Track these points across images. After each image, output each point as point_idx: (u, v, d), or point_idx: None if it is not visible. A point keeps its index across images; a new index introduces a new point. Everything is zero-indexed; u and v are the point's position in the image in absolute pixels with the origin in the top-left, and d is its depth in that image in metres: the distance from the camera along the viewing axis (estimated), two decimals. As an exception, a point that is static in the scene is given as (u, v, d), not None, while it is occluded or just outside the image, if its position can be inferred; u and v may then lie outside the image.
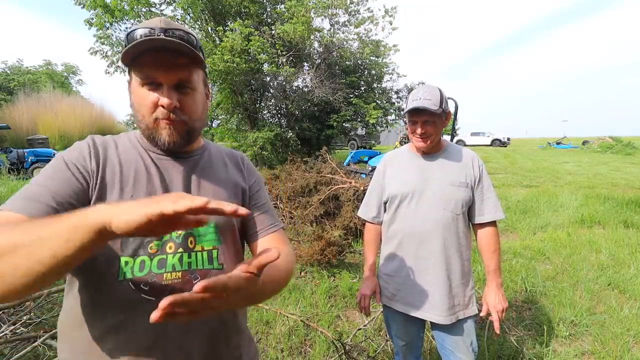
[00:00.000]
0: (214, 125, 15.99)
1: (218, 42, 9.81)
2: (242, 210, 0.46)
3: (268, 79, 11.11)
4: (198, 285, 0.43)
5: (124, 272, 0.65)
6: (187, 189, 0.75)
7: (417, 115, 1.27)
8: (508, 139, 26.81)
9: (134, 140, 0.79)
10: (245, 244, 0.88)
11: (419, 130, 1.27)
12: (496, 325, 1.29)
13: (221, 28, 9.65)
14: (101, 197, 0.67)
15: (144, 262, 0.66)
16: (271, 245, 0.82)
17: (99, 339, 0.64)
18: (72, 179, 0.66)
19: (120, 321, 0.64)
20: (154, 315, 0.42)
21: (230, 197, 0.81)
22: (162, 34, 0.66)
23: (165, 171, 0.75)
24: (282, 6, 10.25)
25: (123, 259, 0.66)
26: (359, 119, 11.91)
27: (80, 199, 0.65)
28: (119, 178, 0.70)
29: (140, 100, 0.69)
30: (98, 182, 0.68)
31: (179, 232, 0.70)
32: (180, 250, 0.70)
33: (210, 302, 0.46)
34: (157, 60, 0.67)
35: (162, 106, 0.68)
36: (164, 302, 0.41)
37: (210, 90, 0.85)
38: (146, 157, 0.75)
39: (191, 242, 0.71)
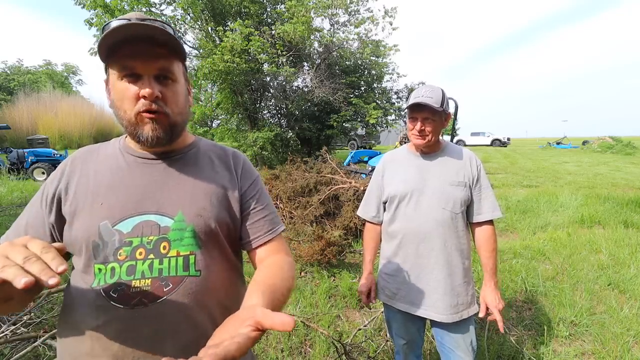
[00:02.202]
0: (214, 125, 15.99)
1: (218, 42, 9.81)
2: (53, 281, 0.44)
3: (268, 79, 11.11)
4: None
5: (97, 279, 0.65)
6: (162, 191, 0.72)
7: (418, 111, 1.27)
8: (508, 139, 26.83)
9: (117, 144, 0.78)
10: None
11: (418, 127, 1.28)
12: (500, 325, 1.28)
13: (221, 28, 9.64)
14: (75, 211, 0.69)
15: (114, 269, 0.65)
16: (270, 257, 0.77)
17: (80, 342, 0.65)
18: (39, 208, 0.71)
19: (94, 327, 0.64)
20: None
21: (210, 199, 0.75)
22: (138, 22, 0.64)
23: (142, 174, 0.73)
24: (282, 6, 10.25)
25: (96, 266, 0.66)
26: (359, 119, 11.91)
27: (49, 224, 0.70)
28: (91, 188, 0.70)
29: (121, 94, 0.67)
30: (70, 197, 0.70)
31: (151, 237, 0.68)
32: (151, 256, 0.67)
33: None
34: (134, 50, 0.65)
35: (144, 97, 0.66)
36: None
37: (191, 87, 0.81)
38: (122, 161, 0.74)
39: (164, 248, 0.68)
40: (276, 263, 0.74)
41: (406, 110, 1.32)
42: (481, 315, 1.33)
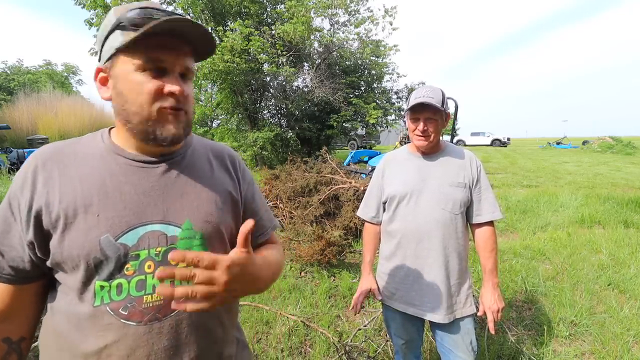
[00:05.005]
0: (214, 125, 15.99)
1: (218, 42, 9.82)
2: None
3: (268, 79, 11.12)
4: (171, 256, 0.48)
5: (100, 297, 0.60)
6: (165, 198, 0.67)
7: (420, 111, 1.27)
8: (508, 139, 26.85)
9: (101, 143, 0.68)
10: None
11: (420, 127, 1.28)
12: (491, 326, 1.30)
13: (221, 28, 9.65)
14: (64, 225, 0.60)
15: (121, 285, 0.61)
16: (264, 250, 0.85)
17: None
18: (11, 221, 0.62)
19: (101, 348, 0.60)
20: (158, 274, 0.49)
21: (216, 203, 0.73)
22: (168, 16, 0.59)
23: (140, 180, 0.66)
24: (282, 6, 10.25)
25: (98, 284, 0.60)
26: (359, 119, 11.91)
27: (27, 241, 0.61)
28: (80, 197, 0.61)
29: (137, 88, 0.60)
30: (55, 209, 0.60)
31: (159, 248, 0.63)
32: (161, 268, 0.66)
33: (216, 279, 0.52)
34: (167, 43, 0.61)
35: (172, 93, 0.61)
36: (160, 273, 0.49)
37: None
38: (113, 165, 0.66)
39: None
40: (272, 253, 0.82)
41: (407, 111, 1.31)
42: (479, 314, 1.33)
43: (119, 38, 0.59)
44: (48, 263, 0.63)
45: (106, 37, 0.62)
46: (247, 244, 0.56)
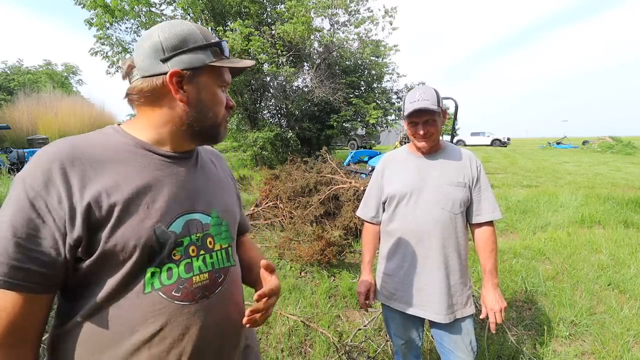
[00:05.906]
0: (214, 125, 16.01)
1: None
2: None
3: (268, 79, 11.12)
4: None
5: (150, 283, 0.64)
6: (197, 190, 0.75)
7: (418, 116, 1.27)
8: (508, 139, 26.88)
9: (122, 139, 0.70)
10: None
11: (421, 132, 1.28)
12: (492, 327, 1.31)
13: (221, 28, 9.65)
14: (117, 217, 0.61)
15: (171, 270, 0.66)
16: (249, 243, 1.02)
17: (130, 356, 0.62)
18: (39, 224, 0.57)
19: (153, 334, 0.63)
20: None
21: (230, 196, 0.85)
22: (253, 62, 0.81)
23: (174, 174, 0.72)
24: (282, 6, 10.25)
25: (149, 270, 0.64)
26: (359, 119, 11.92)
27: (72, 239, 0.59)
28: (125, 191, 0.63)
29: (217, 99, 0.74)
30: (104, 203, 0.60)
31: (198, 234, 0.71)
32: (202, 252, 0.72)
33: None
34: (237, 73, 0.80)
35: (232, 107, 0.79)
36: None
37: None
38: (147, 160, 0.69)
39: (210, 243, 0.74)
40: (253, 245, 1.03)
41: (405, 118, 1.31)
42: (482, 316, 1.33)
43: (210, 57, 0.71)
44: (87, 263, 0.61)
45: (191, 49, 0.69)
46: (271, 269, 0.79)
